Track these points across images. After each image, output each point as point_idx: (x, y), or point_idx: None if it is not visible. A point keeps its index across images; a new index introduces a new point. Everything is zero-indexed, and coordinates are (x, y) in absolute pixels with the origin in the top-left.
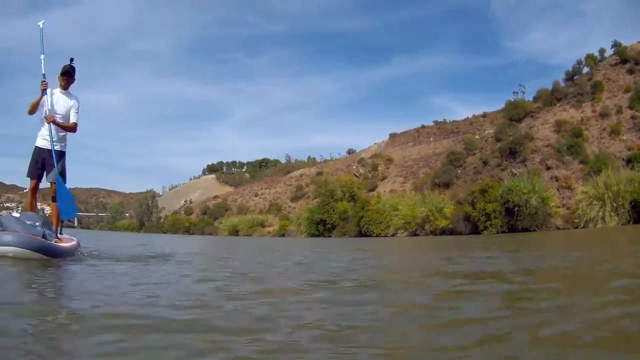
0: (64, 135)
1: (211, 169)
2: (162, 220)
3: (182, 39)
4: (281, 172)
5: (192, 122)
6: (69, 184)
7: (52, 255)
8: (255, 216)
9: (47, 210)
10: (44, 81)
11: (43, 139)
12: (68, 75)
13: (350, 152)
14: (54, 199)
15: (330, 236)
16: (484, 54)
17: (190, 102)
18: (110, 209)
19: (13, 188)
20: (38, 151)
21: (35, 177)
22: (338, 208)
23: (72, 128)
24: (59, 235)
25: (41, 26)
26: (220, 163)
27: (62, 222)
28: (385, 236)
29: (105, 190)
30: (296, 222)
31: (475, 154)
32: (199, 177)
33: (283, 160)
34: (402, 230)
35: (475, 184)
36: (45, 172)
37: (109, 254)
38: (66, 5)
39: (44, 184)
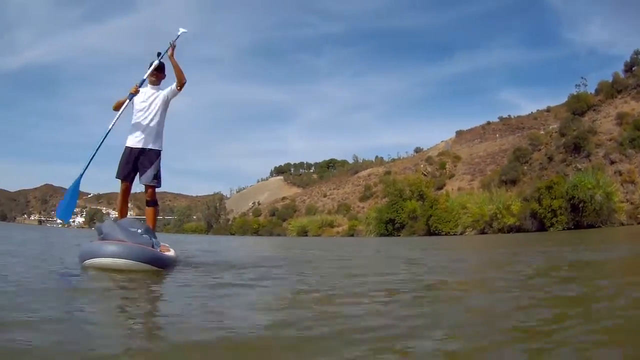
0: (160, 134)
1: (279, 171)
2: (230, 222)
3: (244, 42)
4: (349, 172)
5: (258, 124)
6: (135, 188)
7: (162, 266)
8: (324, 216)
9: (114, 214)
10: (138, 87)
11: (136, 138)
12: (158, 71)
13: (417, 150)
14: (149, 203)
15: (399, 235)
16: (545, 47)
17: (256, 104)
18: (177, 212)
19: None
20: (129, 151)
21: (127, 179)
22: (407, 207)
23: (183, 78)
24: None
25: (179, 32)
26: (288, 165)
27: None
28: (454, 235)
29: (171, 193)
30: (365, 222)
31: (540, 149)
32: (267, 179)
33: (351, 161)
34: (471, 229)
35: (541, 180)
36: (138, 174)
37: (208, 261)
38: (123, 14)
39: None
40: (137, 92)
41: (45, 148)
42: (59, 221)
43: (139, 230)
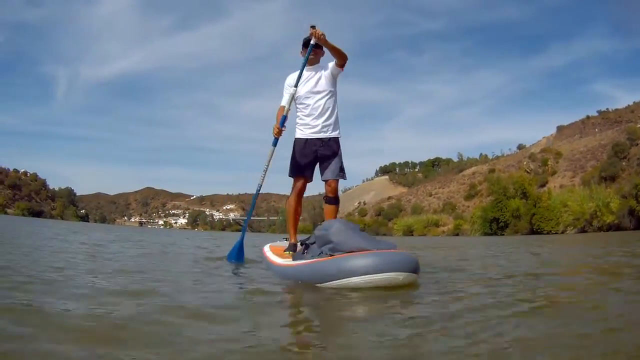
0: (337, 118)
1: (384, 170)
2: None
3: (343, 43)
4: (454, 171)
5: (361, 124)
6: (238, 189)
7: (417, 273)
8: (429, 216)
9: (217, 215)
10: (281, 128)
11: (310, 128)
12: (316, 47)
13: (520, 147)
14: (330, 200)
15: (503, 234)
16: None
17: (358, 104)
18: (282, 213)
19: (179, 196)
20: (304, 143)
21: (304, 175)
22: (510, 206)
23: (343, 56)
24: None
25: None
26: (393, 164)
27: None
28: (555, 233)
29: (276, 194)
30: (470, 221)
31: (638, 144)
32: (372, 179)
33: (455, 159)
34: (571, 227)
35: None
36: (319, 168)
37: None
38: (214, 21)
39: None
40: (280, 134)
41: (145, 153)
42: (160, 222)
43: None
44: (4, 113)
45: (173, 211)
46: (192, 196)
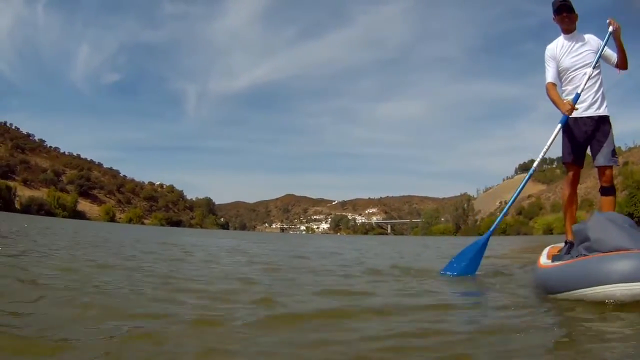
0: (604, 94)
1: (523, 168)
2: (477, 222)
3: (471, 38)
4: (590, 165)
5: (496, 120)
6: (379, 193)
7: None
8: None
9: (360, 219)
10: (573, 105)
11: (578, 105)
12: (567, 11)
13: None
14: (605, 191)
15: None
16: None
17: (491, 100)
18: (424, 215)
19: (321, 202)
20: (573, 123)
21: (577, 162)
22: None
23: (626, 63)
24: None
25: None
26: (532, 161)
27: None
28: None
29: (418, 196)
30: None
31: None
32: (512, 177)
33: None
34: None
35: None
36: (591, 152)
37: None
38: (339, 28)
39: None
40: (572, 110)
41: (284, 160)
42: (302, 228)
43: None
44: (137, 130)
45: (315, 217)
46: (334, 201)
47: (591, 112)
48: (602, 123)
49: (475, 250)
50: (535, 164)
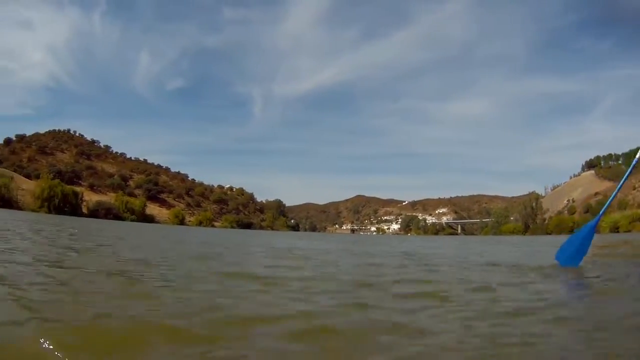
0: None
1: (590, 165)
2: (545, 221)
3: (532, 34)
4: None
5: (560, 117)
6: (449, 193)
7: None
8: (634, 211)
9: (430, 219)
10: None
11: None
12: None
13: None
14: None
15: None
16: None
17: (555, 97)
18: (494, 214)
19: (391, 202)
20: None
21: None
22: None
23: None
24: None
25: None
26: (598, 157)
27: None
28: None
29: (487, 196)
30: None
31: None
32: (579, 175)
33: None
34: None
35: None
36: None
37: None
38: (401, 27)
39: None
40: None
41: (353, 161)
42: (372, 229)
43: None
44: (203, 134)
45: (385, 217)
46: (404, 202)
47: None
48: None
49: (583, 239)
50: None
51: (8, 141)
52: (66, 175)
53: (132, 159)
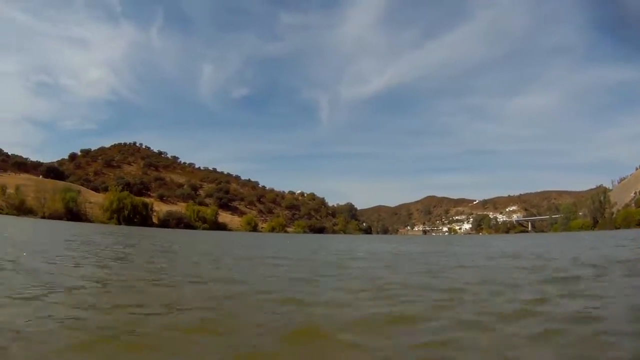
0: None
1: None
2: (613, 215)
3: (587, 22)
4: None
5: (625, 107)
6: (517, 190)
7: None
8: None
9: (501, 218)
10: None
11: None
12: None
13: None
14: None
15: None
16: None
17: (617, 86)
18: (562, 210)
19: (462, 202)
20: None
21: None
22: None
23: None
24: None
25: None
26: None
27: None
28: None
29: (555, 191)
30: None
31: None
32: None
33: None
34: None
35: None
36: None
37: None
38: (460, 24)
39: None
40: None
41: (422, 162)
42: (444, 229)
43: None
44: (271, 140)
45: (456, 217)
46: (475, 201)
47: None
48: None
49: None
50: None
51: (73, 156)
52: (135, 187)
53: (201, 168)
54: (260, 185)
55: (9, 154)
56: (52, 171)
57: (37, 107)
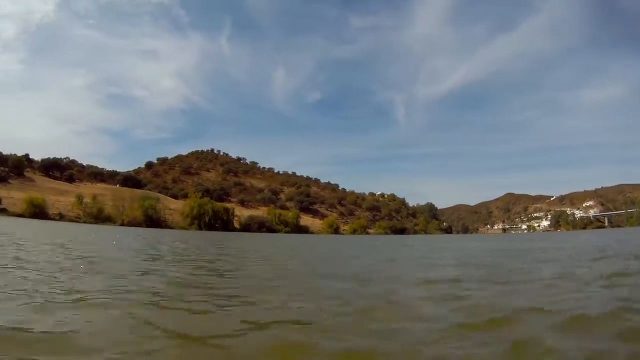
0: None
1: None
2: None
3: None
4: None
5: None
6: (594, 184)
7: None
8: None
9: (579, 214)
10: None
11: None
12: None
13: None
14: None
15: None
16: None
17: None
18: (638, 204)
19: (540, 198)
20: None
21: None
22: None
23: None
24: None
25: None
26: None
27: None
28: None
29: (630, 185)
30: None
31: None
32: None
33: None
34: None
35: None
36: None
37: None
38: (527, 18)
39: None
40: None
41: (500, 160)
42: (523, 227)
43: None
44: (349, 143)
45: (535, 214)
46: (553, 197)
47: None
48: None
49: None
50: None
51: (150, 165)
52: (215, 193)
53: (281, 173)
54: (340, 188)
55: (84, 164)
56: (130, 180)
57: (108, 118)
